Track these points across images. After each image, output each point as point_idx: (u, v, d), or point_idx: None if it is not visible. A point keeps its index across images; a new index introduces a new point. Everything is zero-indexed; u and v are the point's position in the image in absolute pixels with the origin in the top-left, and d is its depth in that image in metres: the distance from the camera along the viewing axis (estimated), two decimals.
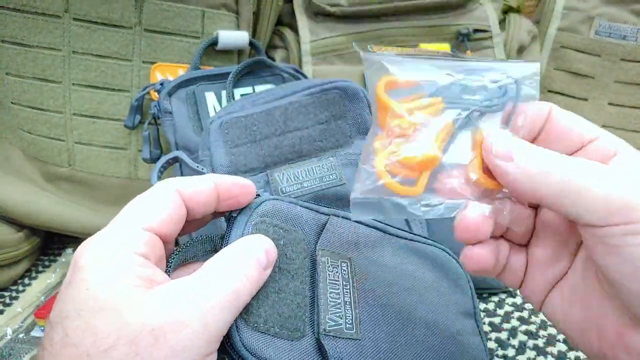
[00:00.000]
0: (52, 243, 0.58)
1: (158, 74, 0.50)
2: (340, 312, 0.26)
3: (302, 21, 0.57)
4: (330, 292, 0.27)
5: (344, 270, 0.28)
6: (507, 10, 0.61)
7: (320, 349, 0.25)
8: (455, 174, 0.23)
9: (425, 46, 0.51)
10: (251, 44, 0.52)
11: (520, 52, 0.60)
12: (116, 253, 0.21)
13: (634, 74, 0.64)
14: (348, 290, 0.27)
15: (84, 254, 0.21)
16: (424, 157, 0.22)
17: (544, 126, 0.24)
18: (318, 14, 0.57)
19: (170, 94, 0.46)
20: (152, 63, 0.50)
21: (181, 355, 0.19)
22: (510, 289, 0.47)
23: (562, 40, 0.65)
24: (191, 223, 0.26)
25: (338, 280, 0.27)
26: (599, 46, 0.64)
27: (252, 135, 0.40)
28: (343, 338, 0.25)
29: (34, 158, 0.52)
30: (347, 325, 0.26)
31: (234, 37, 0.51)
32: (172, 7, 0.49)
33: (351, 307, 0.27)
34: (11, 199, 0.49)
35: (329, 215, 0.30)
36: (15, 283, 0.52)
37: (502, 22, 0.60)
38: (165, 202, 0.23)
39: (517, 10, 0.61)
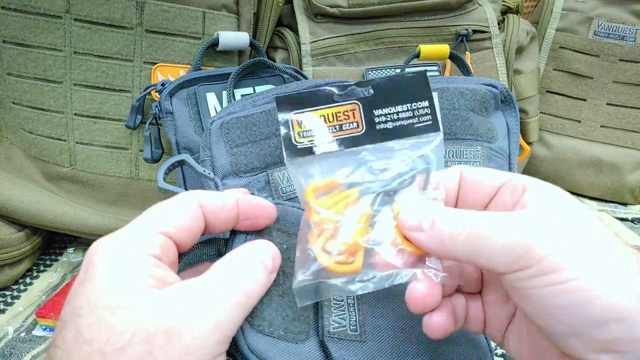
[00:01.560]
0: (54, 242, 0.58)
1: (159, 75, 0.50)
2: (344, 314, 0.26)
3: (302, 22, 0.57)
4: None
5: None
6: (506, 11, 0.62)
7: (325, 351, 0.25)
8: (383, 249, 0.24)
9: (424, 47, 0.51)
10: (251, 44, 0.52)
11: (519, 52, 0.60)
12: (130, 252, 0.21)
13: (632, 74, 0.64)
14: None
15: (98, 252, 0.21)
16: (348, 244, 0.24)
17: (460, 186, 0.26)
18: (318, 15, 0.57)
19: (171, 95, 0.46)
20: (153, 64, 0.50)
21: (194, 354, 0.19)
22: None
23: (560, 40, 0.65)
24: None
25: None
26: (597, 47, 0.64)
27: (252, 135, 0.40)
28: (347, 340, 0.26)
29: (36, 158, 0.52)
30: (351, 327, 0.26)
31: (234, 38, 0.51)
32: (173, 8, 0.49)
33: (355, 309, 0.27)
34: (13, 198, 0.49)
35: None
36: (16, 282, 0.52)
37: (501, 23, 0.60)
38: (185, 210, 0.23)
39: (516, 11, 0.62)
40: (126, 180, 0.53)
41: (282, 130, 0.27)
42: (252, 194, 0.27)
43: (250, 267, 0.23)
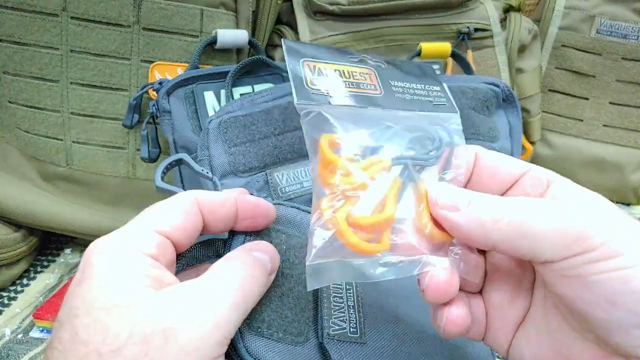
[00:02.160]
0: (50, 243, 0.58)
1: (156, 73, 0.49)
2: (344, 316, 0.26)
3: (302, 20, 0.56)
4: (334, 296, 0.26)
5: None
6: (507, 9, 0.61)
7: (324, 353, 0.24)
8: (407, 229, 0.22)
9: (425, 45, 0.51)
10: (250, 42, 0.52)
11: (521, 51, 0.60)
12: (127, 252, 0.20)
13: (635, 73, 0.64)
14: (352, 294, 0.27)
15: (95, 252, 0.21)
16: (379, 218, 0.21)
17: (473, 169, 0.24)
18: (318, 13, 0.56)
19: (168, 93, 0.46)
20: (151, 62, 0.49)
21: (192, 355, 0.19)
22: None
23: (563, 39, 0.65)
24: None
25: (341, 284, 0.27)
26: (600, 45, 0.64)
27: (251, 134, 0.40)
28: (347, 342, 0.25)
29: (32, 157, 0.52)
30: (351, 329, 0.26)
31: (233, 35, 0.50)
32: (171, 6, 0.49)
33: (355, 310, 0.27)
34: (9, 198, 0.49)
35: None
36: (13, 283, 0.52)
37: (502, 21, 0.60)
38: (182, 210, 0.23)
39: (518, 9, 0.61)
40: (123, 180, 0.52)
41: (292, 73, 0.23)
42: (252, 194, 0.26)
43: (248, 268, 0.22)
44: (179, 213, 0.23)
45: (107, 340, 0.18)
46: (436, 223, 0.22)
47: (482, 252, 0.25)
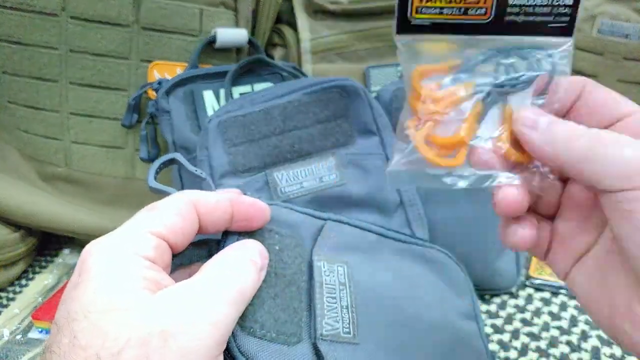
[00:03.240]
0: (49, 244, 0.58)
1: (156, 73, 0.49)
2: (337, 316, 0.26)
3: (302, 19, 0.56)
4: (327, 297, 0.26)
5: (341, 274, 0.28)
6: None
7: (317, 354, 0.24)
8: (486, 147, 0.24)
9: (426, 44, 0.51)
10: (250, 42, 0.52)
11: None
12: (124, 255, 0.21)
13: (636, 73, 0.63)
14: (345, 294, 0.27)
15: (92, 254, 0.21)
16: (453, 139, 0.24)
17: (576, 102, 0.25)
18: (318, 12, 0.56)
19: (168, 93, 0.45)
20: (150, 61, 0.49)
21: (191, 356, 0.19)
22: (513, 290, 0.46)
23: None
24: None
25: (334, 285, 0.27)
26: (601, 45, 0.63)
27: (250, 134, 0.40)
28: (340, 342, 0.25)
29: (31, 158, 0.51)
30: (345, 330, 0.26)
31: (232, 35, 0.50)
32: (170, 5, 0.48)
33: (348, 311, 0.26)
34: (7, 199, 0.49)
35: (326, 220, 0.30)
36: (12, 284, 0.52)
37: None
38: (178, 211, 0.23)
39: None
40: (122, 180, 0.52)
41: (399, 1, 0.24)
42: (245, 194, 0.26)
43: (240, 264, 0.23)
44: (175, 215, 0.23)
45: (106, 344, 0.18)
46: (515, 144, 0.24)
47: (563, 182, 0.25)
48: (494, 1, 0.25)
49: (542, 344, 0.40)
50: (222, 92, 0.47)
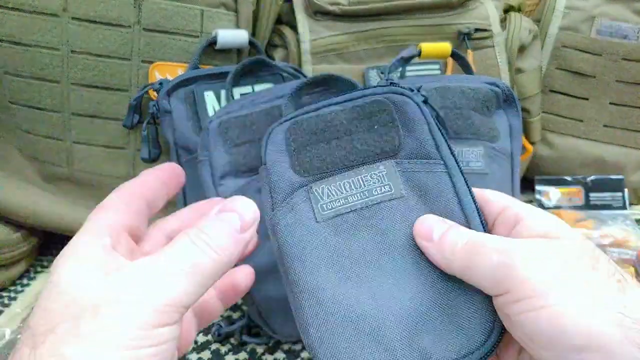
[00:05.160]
0: (51, 243, 0.58)
1: (157, 74, 0.49)
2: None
3: (302, 20, 0.56)
4: None
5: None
6: (508, 10, 0.61)
7: None
8: None
9: (425, 45, 0.51)
10: (250, 43, 0.52)
11: (521, 51, 0.60)
12: (80, 246, 0.22)
13: (635, 73, 0.63)
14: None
15: (60, 255, 0.23)
16: None
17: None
18: (318, 13, 0.56)
19: (169, 94, 0.46)
20: (151, 62, 0.49)
21: (122, 324, 0.19)
22: None
23: (563, 39, 0.65)
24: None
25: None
26: (600, 45, 0.64)
27: (251, 134, 0.40)
28: None
29: (33, 158, 0.52)
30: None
31: (233, 36, 0.50)
32: (171, 6, 0.49)
33: None
34: (9, 199, 0.49)
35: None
36: (13, 284, 0.52)
37: (503, 21, 0.59)
38: (122, 201, 0.26)
39: (518, 9, 0.61)
40: (124, 180, 0.51)
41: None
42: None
43: (205, 234, 0.23)
44: (121, 204, 0.25)
45: (46, 322, 0.20)
46: None
47: None
48: None
49: None
50: (223, 92, 0.47)
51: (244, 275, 0.29)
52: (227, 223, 0.23)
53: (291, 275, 0.27)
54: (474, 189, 0.28)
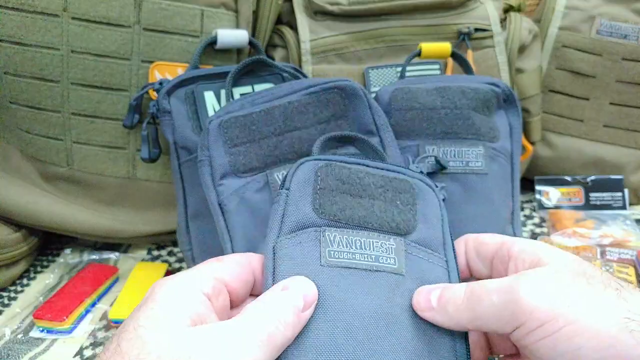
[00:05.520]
0: (51, 243, 0.58)
1: (157, 73, 0.49)
2: None
3: (302, 20, 0.56)
4: None
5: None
6: (508, 9, 0.61)
7: None
8: None
9: (425, 45, 0.51)
10: (250, 43, 0.52)
11: (521, 51, 0.60)
12: (185, 288, 0.25)
13: (635, 74, 0.63)
14: None
15: (160, 284, 0.25)
16: None
17: (467, 256, 0.31)
18: (318, 13, 0.56)
19: (169, 94, 0.46)
20: (151, 62, 0.49)
21: None
22: None
23: (563, 39, 0.65)
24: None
25: None
26: (600, 45, 0.64)
27: (251, 134, 0.40)
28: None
29: (33, 157, 0.52)
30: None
31: (233, 36, 0.50)
32: (171, 6, 0.49)
33: None
34: (9, 198, 0.49)
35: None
36: (13, 283, 0.52)
37: (503, 21, 0.60)
38: (237, 263, 0.28)
39: (518, 9, 0.61)
40: (123, 180, 0.52)
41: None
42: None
43: (276, 309, 0.24)
44: (235, 264, 0.28)
45: (141, 355, 0.21)
46: None
47: None
48: None
49: None
50: (222, 92, 0.47)
51: None
52: (292, 301, 0.25)
53: None
54: (471, 235, 0.30)
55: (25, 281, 0.52)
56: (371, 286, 0.28)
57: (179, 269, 0.53)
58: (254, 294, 0.29)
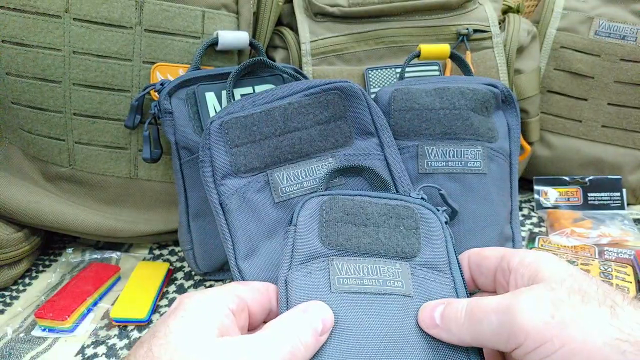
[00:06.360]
0: (53, 243, 0.58)
1: (158, 74, 0.50)
2: None
3: (302, 21, 0.57)
4: None
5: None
6: (506, 11, 0.61)
7: None
8: None
9: (425, 46, 0.51)
10: (251, 44, 0.52)
11: (520, 52, 0.60)
12: (212, 301, 0.26)
13: (633, 74, 0.64)
14: None
15: (189, 296, 0.27)
16: None
17: (470, 271, 0.32)
18: (318, 14, 0.57)
19: (170, 94, 0.46)
20: (152, 63, 0.50)
21: None
22: None
23: (561, 40, 0.65)
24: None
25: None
26: (598, 46, 0.64)
27: (252, 135, 0.40)
28: None
29: (35, 158, 0.52)
30: None
31: (234, 37, 0.51)
32: (173, 7, 0.49)
33: None
34: (12, 198, 0.49)
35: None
36: (15, 283, 0.52)
37: (501, 23, 0.60)
38: (258, 289, 0.29)
39: (517, 11, 0.61)
40: (125, 180, 0.53)
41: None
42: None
43: (298, 329, 0.25)
44: (257, 290, 0.29)
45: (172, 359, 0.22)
46: None
47: None
48: None
49: None
50: (224, 93, 0.47)
51: None
52: (312, 323, 0.26)
53: None
54: (473, 250, 0.31)
55: (27, 280, 0.52)
56: (381, 309, 0.29)
57: (180, 269, 0.53)
58: (267, 321, 0.30)
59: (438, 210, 0.35)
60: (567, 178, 0.66)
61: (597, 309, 0.23)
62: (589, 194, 0.64)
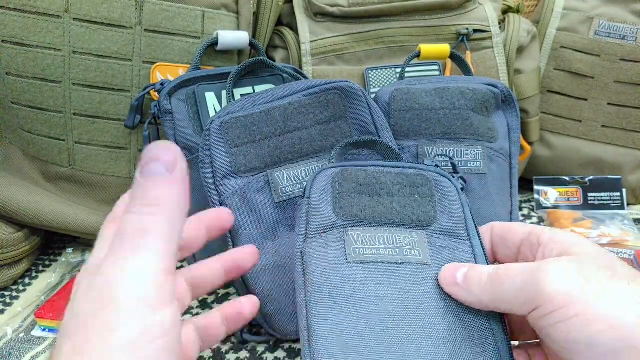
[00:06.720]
0: (53, 243, 0.58)
1: (158, 74, 0.50)
2: None
3: (302, 21, 0.57)
4: None
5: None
6: (506, 11, 0.61)
7: None
8: None
9: (425, 47, 0.51)
10: (251, 44, 0.52)
11: (520, 52, 0.60)
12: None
13: (633, 74, 0.64)
14: None
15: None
16: None
17: (492, 242, 0.31)
18: (318, 14, 0.57)
19: (170, 94, 0.46)
20: (152, 63, 0.50)
21: (132, 288, 0.20)
22: None
23: (561, 40, 0.65)
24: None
25: None
26: (598, 46, 0.64)
27: (252, 135, 0.40)
28: None
29: (35, 158, 0.52)
30: None
31: (234, 37, 0.51)
32: (173, 7, 0.49)
33: None
34: (12, 198, 0.49)
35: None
36: (15, 283, 0.52)
37: (501, 23, 0.60)
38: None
39: (517, 11, 0.61)
40: (125, 180, 0.53)
41: None
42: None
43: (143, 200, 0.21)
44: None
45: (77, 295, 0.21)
46: None
47: None
48: None
49: None
50: (224, 93, 0.47)
51: (250, 304, 0.30)
52: (151, 175, 0.21)
53: (314, 308, 0.27)
54: (497, 222, 0.31)
55: (27, 280, 0.52)
56: (399, 277, 0.29)
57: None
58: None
59: (454, 177, 0.34)
60: (567, 178, 0.66)
61: (627, 285, 0.23)
62: (589, 194, 0.65)
